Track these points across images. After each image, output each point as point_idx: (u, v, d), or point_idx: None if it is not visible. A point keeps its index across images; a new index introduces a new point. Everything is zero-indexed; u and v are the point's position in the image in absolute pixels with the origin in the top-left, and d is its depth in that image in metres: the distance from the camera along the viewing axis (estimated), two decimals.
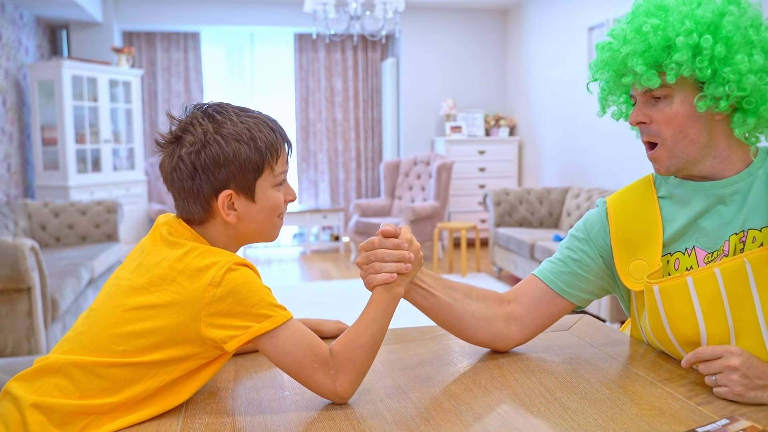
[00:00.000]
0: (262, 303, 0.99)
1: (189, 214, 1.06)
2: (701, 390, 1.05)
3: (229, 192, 1.03)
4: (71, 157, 5.64)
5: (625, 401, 1.02)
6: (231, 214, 1.05)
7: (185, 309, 0.97)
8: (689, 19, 1.06)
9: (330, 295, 5.13)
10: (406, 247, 1.09)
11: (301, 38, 7.49)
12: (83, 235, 5.04)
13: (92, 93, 5.94)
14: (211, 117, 1.04)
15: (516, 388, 1.09)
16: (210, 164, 1.02)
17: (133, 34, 7.14)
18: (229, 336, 0.98)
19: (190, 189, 1.03)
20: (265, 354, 1.02)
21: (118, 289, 1.02)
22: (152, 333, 0.97)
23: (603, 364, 1.20)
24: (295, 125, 7.60)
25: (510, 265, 5.37)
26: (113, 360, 0.97)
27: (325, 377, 1.01)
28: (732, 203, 1.13)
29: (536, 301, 1.27)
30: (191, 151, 1.02)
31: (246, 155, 1.03)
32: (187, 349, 0.99)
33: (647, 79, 1.09)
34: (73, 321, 3.87)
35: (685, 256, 1.16)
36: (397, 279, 1.08)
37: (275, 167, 1.07)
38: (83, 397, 0.96)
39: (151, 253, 1.03)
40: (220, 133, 1.02)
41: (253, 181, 1.05)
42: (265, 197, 1.07)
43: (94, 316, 1.02)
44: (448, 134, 7.10)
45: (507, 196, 5.73)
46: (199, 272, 0.98)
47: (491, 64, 7.47)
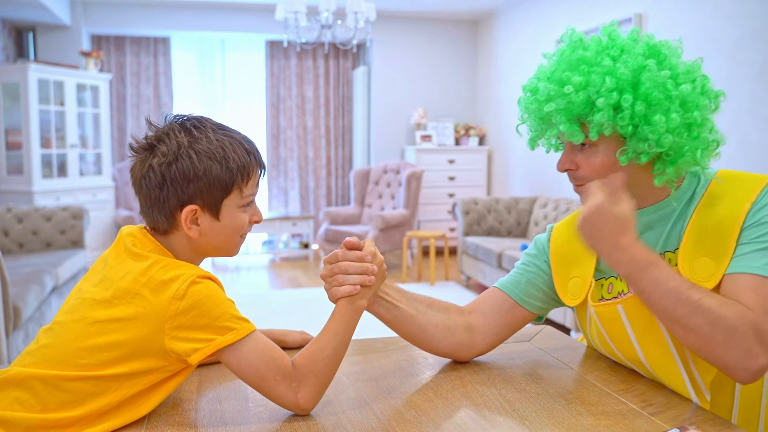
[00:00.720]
0: (225, 316, 1.00)
1: (154, 223, 1.07)
2: (654, 400, 1.09)
3: (194, 207, 1.04)
4: (36, 161, 5.56)
5: (582, 411, 1.05)
6: (193, 228, 1.05)
7: (149, 322, 0.97)
8: (610, 75, 1.08)
9: (299, 304, 5.12)
10: (369, 260, 1.10)
11: (272, 45, 7.48)
12: (48, 242, 4.96)
13: (59, 97, 5.86)
14: (188, 131, 1.04)
15: (476, 399, 1.12)
16: (179, 178, 1.02)
17: (102, 37, 7.06)
18: (192, 349, 0.98)
19: (157, 198, 1.04)
20: (228, 366, 1.02)
21: (81, 302, 1.02)
22: (116, 346, 0.97)
23: (562, 374, 1.23)
24: (265, 132, 7.58)
25: (478, 274, 5.41)
26: (76, 373, 0.97)
27: (287, 389, 1.02)
28: (657, 228, 1.18)
29: (497, 311, 1.30)
30: (163, 162, 1.02)
31: (216, 174, 1.03)
32: (151, 362, 0.99)
33: (570, 135, 1.13)
34: (36, 329, 3.81)
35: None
36: (360, 291, 1.09)
37: (244, 189, 1.07)
38: (45, 410, 0.96)
39: (114, 266, 1.03)
40: (194, 148, 1.03)
41: (220, 199, 1.05)
42: (229, 216, 1.07)
43: (57, 329, 1.02)
44: (418, 143, 7.14)
45: (476, 206, 5.79)
46: (163, 285, 0.98)
47: (462, 74, 7.55)
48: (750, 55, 3.74)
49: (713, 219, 1.10)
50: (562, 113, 1.12)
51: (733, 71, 3.85)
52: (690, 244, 1.11)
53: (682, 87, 1.07)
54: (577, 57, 1.12)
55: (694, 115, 1.08)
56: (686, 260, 1.10)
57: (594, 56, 1.11)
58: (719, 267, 1.07)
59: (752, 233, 1.06)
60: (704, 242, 1.10)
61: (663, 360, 1.12)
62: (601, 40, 1.13)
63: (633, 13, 4.67)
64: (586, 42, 1.15)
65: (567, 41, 1.16)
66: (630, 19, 4.70)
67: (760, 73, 3.68)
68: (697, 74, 1.11)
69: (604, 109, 1.07)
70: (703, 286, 1.06)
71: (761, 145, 3.69)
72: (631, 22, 4.68)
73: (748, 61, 3.75)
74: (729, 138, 3.86)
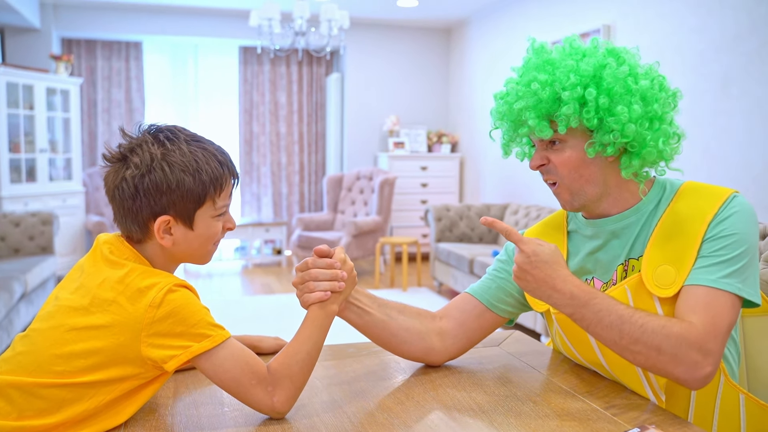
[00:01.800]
0: (201, 323, 1.01)
1: (128, 232, 1.08)
2: (616, 402, 1.13)
3: (167, 218, 1.05)
4: (4, 166, 5.48)
5: (548, 413, 1.09)
6: (166, 238, 1.06)
7: (125, 330, 0.98)
8: (574, 73, 1.15)
9: (272, 310, 5.12)
10: (339, 267, 1.14)
11: (246, 51, 7.48)
12: (16, 248, 4.89)
13: (28, 101, 5.79)
14: (161, 142, 1.05)
15: (447, 402, 1.15)
16: (152, 189, 1.03)
17: (72, 41, 6.99)
18: (169, 356, 1.00)
19: (130, 209, 1.05)
20: (204, 373, 1.04)
21: (58, 310, 1.03)
22: (92, 354, 0.98)
23: (530, 377, 1.27)
24: (238, 138, 7.56)
25: (450, 280, 5.47)
26: (52, 380, 0.98)
27: (263, 394, 1.04)
28: (623, 236, 1.23)
29: (467, 315, 1.34)
30: (136, 174, 1.03)
31: (189, 186, 1.04)
32: (127, 369, 1.00)
33: (540, 131, 1.19)
34: (4, 337, 3.76)
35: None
36: (331, 297, 1.12)
37: (217, 200, 1.09)
38: (21, 418, 0.96)
39: (91, 273, 1.05)
40: (166, 160, 1.04)
41: (193, 210, 1.07)
42: (203, 226, 1.09)
43: (33, 337, 1.02)
44: (391, 150, 7.19)
45: (448, 212, 5.85)
46: (140, 293, 1.00)
47: (434, 81, 7.62)
48: (712, 67, 3.85)
49: (677, 228, 1.15)
50: (531, 110, 1.18)
51: (697, 83, 3.96)
52: (654, 251, 1.16)
53: (641, 83, 1.15)
54: (542, 60, 1.20)
55: (654, 107, 1.15)
56: (649, 267, 1.14)
57: (558, 58, 1.19)
58: (680, 275, 1.12)
59: (712, 246, 1.11)
60: (667, 250, 1.14)
61: (621, 362, 1.17)
62: (565, 48, 1.21)
63: (601, 25, 4.77)
64: (549, 48, 1.23)
65: (531, 49, 1.23)
66: (598, 30, 4.81)
67: (722, 86, 3.79)
68: (654, 74, 1.19)
69: (569, 102, 1.14)
70: (664, 293, 1.11)
71: (723, 155, 3.80)
72: (600, 33, 4.79)
73: (710, 74, 3.87)
74: (692, 148, 3.97)
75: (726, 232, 1.11)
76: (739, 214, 1.13)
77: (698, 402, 1.18)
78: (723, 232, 1.11)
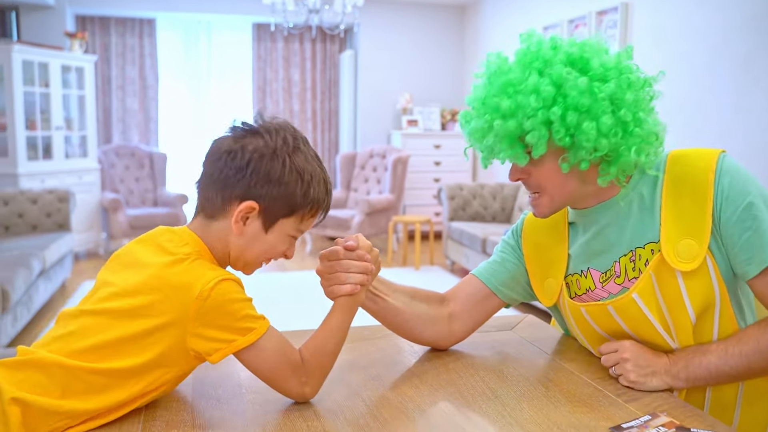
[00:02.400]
0: (246, 317, 1.02)
1: (207, 200, 1.06)
2: (628, 389, 1.15)
3: (255, 205, 1.03)
4: (21, 143, 5.53)
5: (560, 398, 1.11)
6: (239, 225, 1.05)
7: (173, 324, 0.99)
8: (535, 95, 1.09)
9: (285, 287, 5.16)
10: (368, 258, 1.13)
11: (259, 28, 7.45)
12: (34, 225, 4.96)
13: (44, 78, 5.82)
14: (296, 139, 1.06)
15: (460, 386, 1.17)
16: (262, 174, 1.02)
17: (86, 18, 6.99)
18: (214, 348, 1.00)
19: (228, 178, 1.03)
20: (244, 363, 1.05)
21: (110, 296, 1.02)
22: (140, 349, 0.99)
23: (542, 362, 1.29)
24: (251, 115, 7.54)
25: (462, 259, 5.48)
26: (96, 366, 0.98)
27: (296, 383, 1.06)
28: (616, 222, 1.21)
29: (473, 299, 1.36)
30: (258, 149, 1.02)
31: (293, 191, 1.04)
32: (172, 361, 1.01)
33: (514, 158, 1.16)
34: (24, 312, 3.82)
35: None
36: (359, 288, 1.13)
37: (303, 222, 1.08)
38: (64, 396, 0.96)
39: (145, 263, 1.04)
40: (291, 157, 1.04)
41: (280, 216, 1.06)
42: (277, 237, 1.08)
43: (84, 320, 1.01)
44: (404, 128, 7.17)
45: (461, 191, 5.84)
46: (189, 285, 0.99)
47: (448, 59, 7.57)
48: (734, 45, 3.80)
49: (683, 198, 1.14)
50: (502, 141, 1.14)
51: (718, 62, 3.91)
52: (669, 228, 1.14)
53: (607, 86, 1.09)
54: (502, 81, 1.13)
55: (623, 113, 1.10)
56: (670, 246, 1.13)
57: (519, 75, 1.12)
58: (701, 245, 1.12)
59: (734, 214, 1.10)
60: (681, 223, 1.14)
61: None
62: (526, 52, 1.15)
63: (619, 3, 4.71)
64: (508, 63, 1.16)
65: (488, 69, 1.18)
66: (616, 8, 4.75)
67: (744, 65, 3.74)
68: (622, 67, 1.12)
69: (535, 129, 1.10)
70: (689, 266, 1.12)
71: (744, 135, 3.76)
72: (617, 11, 4.73)
73: (732, 53, 3.81)
74: (712, 130, 3.93)
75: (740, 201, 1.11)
76: (738, 174, 1.13)
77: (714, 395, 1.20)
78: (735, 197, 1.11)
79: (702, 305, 1.14)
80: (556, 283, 1.30)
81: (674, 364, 1.14)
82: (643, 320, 1.17)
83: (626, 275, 1.20)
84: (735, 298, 1.17)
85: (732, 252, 1.13)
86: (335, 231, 6.34)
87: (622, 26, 4.71)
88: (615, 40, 4.77)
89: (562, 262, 1.30)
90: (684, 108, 4.14)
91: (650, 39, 4.48)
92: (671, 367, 1.14)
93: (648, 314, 1.16)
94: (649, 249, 1.18)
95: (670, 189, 1.16)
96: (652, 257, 1.16)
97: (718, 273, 1.14)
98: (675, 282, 1.14)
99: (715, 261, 1.13)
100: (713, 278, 1.14)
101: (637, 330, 1.19)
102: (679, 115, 4.19)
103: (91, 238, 6.24)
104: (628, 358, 1.15)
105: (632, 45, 1.19)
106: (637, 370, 1.14)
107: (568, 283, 1.30)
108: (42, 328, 4.13)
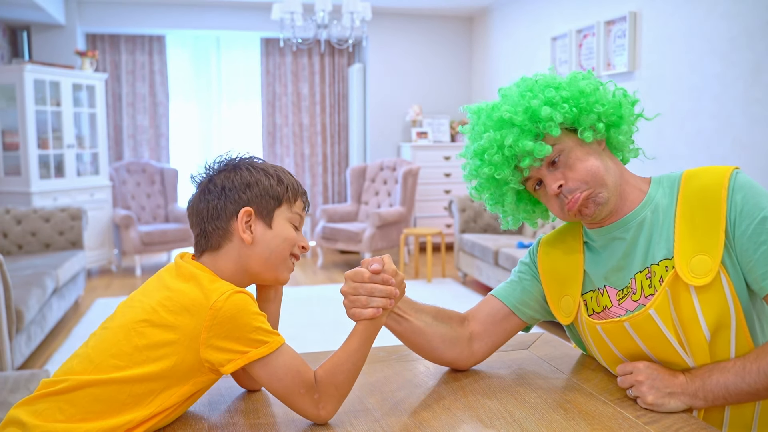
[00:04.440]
0: (259, 330, 1.05)
1: (206, 239, 1.13)
2: (649, 410, 1.13)
3: (249, 210, 1.12)
4: (33, 162, 5.57)
5: (579, 422, 1.09)
6: (247, 234, 1.12)
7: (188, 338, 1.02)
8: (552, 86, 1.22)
9: (297, 302, 5.16)
10: (393, 283, 1.12)
11: (267, 43, 7.49)
12: (47, 243, 4.99)
13: (55, 97, 5.87)
14: (248, 157, 1.19)
15: (478, 410, 1.15)
16: (237, 185, 1.13)
17: (96, 36, 7.06)
18: (226, 359, 1.03)
19: (215, 208, 1.12)
20: (256, 378, 1.07)
21: (131, 310, 1.08)
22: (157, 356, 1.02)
23: (560, 383, 1.27)
24: (261, 130, 7.60)
25: (475, 271, 5.46)
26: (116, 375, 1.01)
27: (310, 402, 1.07)
28: (634, 241, 1.22)
29: (492, 319, 1.35)
30: (222, 176, 1.15)
31: (269, 184, 1.15)
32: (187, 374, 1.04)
33: (539, 151, 1.18)
34: (37, 332, 3.84)
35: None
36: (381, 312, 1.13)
37: (293, 205, 1.17)
38: (84, 419, 0.99)
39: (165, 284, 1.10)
40: (250, 164, 1.16)
41: (272, 208, 1.14)
42: (280, 227, 1.15)
43: (101, 333, 1.08)
44: (414, 140, 7.18)
45: (472, 203, 5.83)
46: (203, 296, 1.04)
47: (457, 70, 7.58)
48: (743, 54, 3.78)
49: (697, 215, 1.16)
50: (522, 137, 1.19)
51: (727, 70, 3.89)
52: (684, 245, 1.15)
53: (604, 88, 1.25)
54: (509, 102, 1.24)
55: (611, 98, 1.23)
56: (683, 261, 1.14)
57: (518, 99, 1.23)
58: (714, 260, 1.12)
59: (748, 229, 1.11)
60: (695, 239, 1.14)
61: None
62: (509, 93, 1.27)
63: (627, 12, 4.70)
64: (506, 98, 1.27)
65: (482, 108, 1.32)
66: (624, 18, 4.74)
67: (753, 73, 3.72)
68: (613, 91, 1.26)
69: (540, 107, 1.18)
70: (702, 281, 1.11)
71: (754, 144, 3.74)
72: (626, 20, 4.72)
73: (741, 61, 3.80)
74: (721, 137, 3.91)
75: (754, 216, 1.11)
76: (751, 189, 1.13)
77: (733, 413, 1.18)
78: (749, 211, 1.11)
79: (716, 322, 1.13)
80: (573, 301, 1.29)
81: (691, 383, 1.13)
82: (659, 337, 1.16)
83: (642, 292, 1.20)
84: (750, 316, 1.16)
85: (747, 267, 1.12)
86: (347, 244, 6.33)
87: (630, 36, 4.70)
88: (624, 50, 4.76)
89: (578, 280, 1.29)
90: (696, 117, 4.12)
91: (659, 48, 4.46)
92: (688, 386, 1.13)
93: (665, 331, 1.15)
94: (663, 266, 1.17)
95: (685, 206, 1.18)
96: (666, 274, 1.16)
97: (732, 290, 1.13)
98: (689, 298, 1.13)
99: (729, 277, 1.13)
100: (728, 295, 1.13)
101: (654, 348, 1.18)
102: (689, 124, 4.17)
103: (104, 255, 6.27)
104: (642, 380, 1.14)
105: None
106: (654, 392, 1.13)
107: (586, 300, 1.29)
108: (56, 347, 4.14)
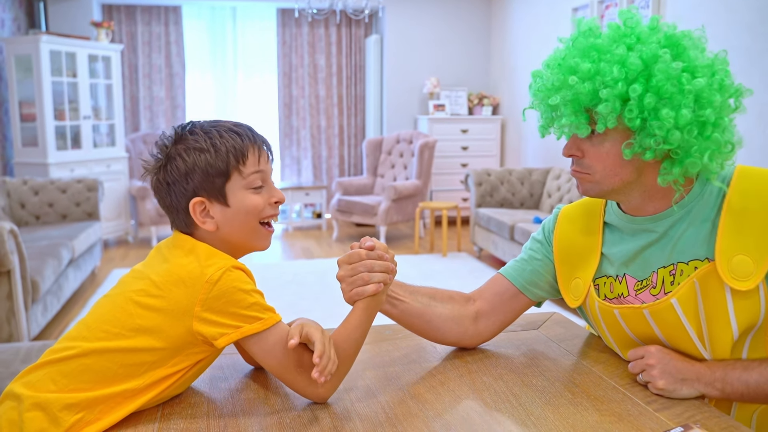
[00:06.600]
0: (254, 306, 1.03)
1: (178, 227, 1.12)
2: (658, 396, 1.09)
3: (199, 199, 1.07)
4: (50, 133, 5.58)
5: (587, 407, 1.06)
6: (207, 222, 1.08)
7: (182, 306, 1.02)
8: (619, 65, 1.04)
9: (311, 274, 5.16)
10: (388, 258, 1.11)
11: (284, 13, 7.41)
12: (63, 214, 5.02)
13: (71, 68, 5.86)
14: (179, 137, 1.09)
15: (483, 392, 1.13)
16: (177, 177, 1.07)
17: (112, 7, 7.02)
18: (219, 333, 1.02)
19: (170, 204, 1.09)
20: (253, 355, 1.06)
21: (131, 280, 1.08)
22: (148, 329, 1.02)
23: (568, 365, 1.24)
24: (277, 102, 7.55)
25: (490, 246, 5.42)
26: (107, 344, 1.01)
27: (307, 380, 1.05)
28: (661, 238, 1.15)
29: (500, 297, 1.32)
30: (163, 171, 1.08)
31: (207, 162, 1.06)
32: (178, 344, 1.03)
33: (576, 128, 1.10)
34: (53, 302, 3.87)
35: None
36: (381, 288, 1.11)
37: (243, 170, 1.08)
38: (76, 390, 0.99)
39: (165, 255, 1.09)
40: (181, 147, 1.07)
41: (221, 186, 1.07)
42: (238, 201, 1.08)
43: (103, 301, 1.08)
44: (431, 112, 7.09)
45: (488, 177, 5.76)
46: (200, 269, 1.03)
47: (475, 42, 7.45)
48: None
49: (748, 215, 1.07)
50: (568, 105, 1.09)
51: (753, 43, 3.77)
52: (726, 242, 1.07)
53: (697, 81, 1.03)
54: (589, 44, 1.09)
55: (707, 112, 1.03)
56: (724, 259, 1.07)
57: (607, 44, 1.08)
58: (759, 267, 1.04)
59: None
60: (740, 239, 1.06)
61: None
62: (619, 27, 1.09)
63: None
64: (599, 30, 1.11)
65: (580, 28, 1.13)
66: None
67: None
68: (717, 68, 1.06)
69: (609, 100, 1.04)
70: (742, 285, 1.04)
71: None
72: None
73: None
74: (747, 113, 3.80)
75: None
76: None
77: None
78: None
79: (746, 325, 1.08)
80: (584, 285, 1.25)
81: (712, 373, 1.08)
82: (678, 327, 1.12)
83: (663, 288, 1.14)
84: None
85: None
86: (362, 217, 6.31)
87: (654, 6, 4.57)
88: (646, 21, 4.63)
89: (592, 264, 1.24)
90: None
91: (683, 19, 4.33)
92: (707, 374, 1.08)
93: (685, 322, 1.11)
94: (692, 266, 1.11)
95: (735, 203, 1.08)
96: (694, 274, 1.10)
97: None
98: (722, 297, 1.07)
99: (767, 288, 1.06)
100: (762, 303, 1.07)
101: (671, 337, 1.14)
102: None
103: (120, 226, 6.31)
104: (654, 364, 1.10)
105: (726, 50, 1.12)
106: (666, 376, 1.08)
107: (598, 285, 1.24)
108: (72, 317, 4.18)
